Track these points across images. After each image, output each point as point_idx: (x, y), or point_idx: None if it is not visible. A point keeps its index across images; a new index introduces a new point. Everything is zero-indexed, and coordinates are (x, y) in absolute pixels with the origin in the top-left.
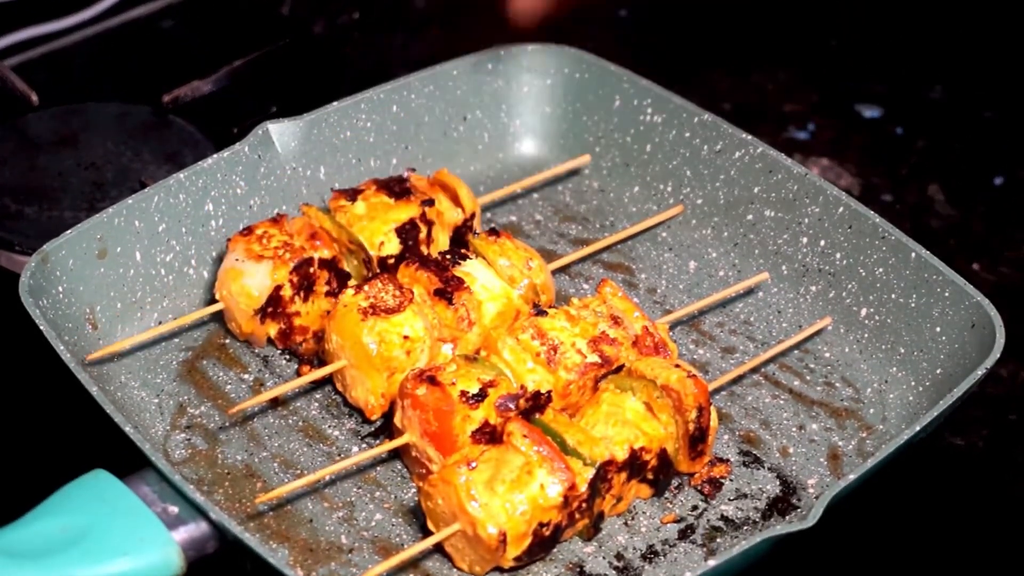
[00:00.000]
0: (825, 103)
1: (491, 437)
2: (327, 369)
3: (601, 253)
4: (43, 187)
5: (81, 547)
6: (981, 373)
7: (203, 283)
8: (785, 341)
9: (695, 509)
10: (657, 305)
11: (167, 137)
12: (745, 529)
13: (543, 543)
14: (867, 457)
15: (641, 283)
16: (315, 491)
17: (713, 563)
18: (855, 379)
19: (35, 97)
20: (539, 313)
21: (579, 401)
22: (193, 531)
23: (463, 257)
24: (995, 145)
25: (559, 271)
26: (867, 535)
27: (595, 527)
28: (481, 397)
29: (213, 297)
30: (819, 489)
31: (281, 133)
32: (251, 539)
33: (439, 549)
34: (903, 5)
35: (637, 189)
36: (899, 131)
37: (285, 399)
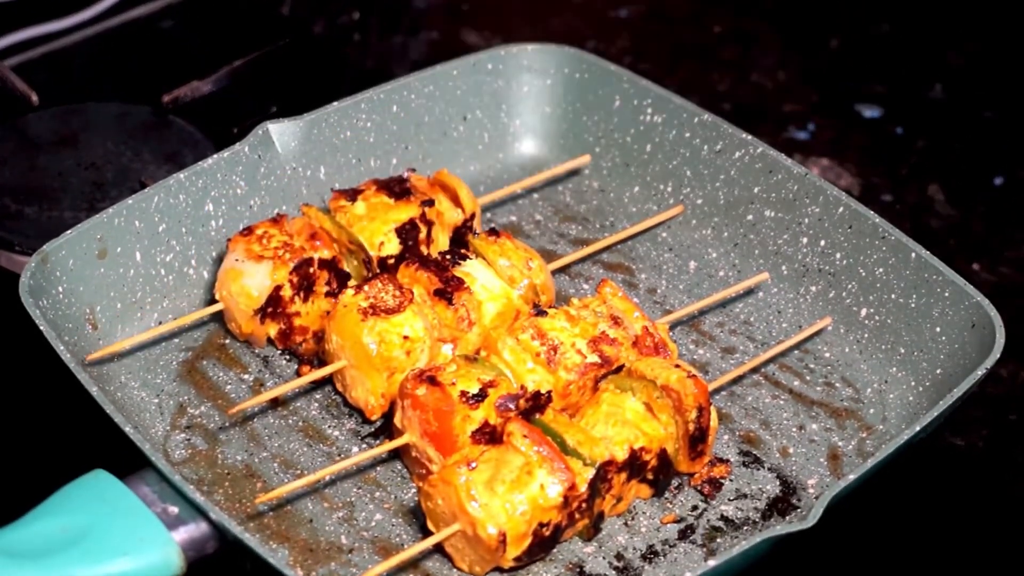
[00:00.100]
0: (825, 103)
1: (491, 437)
2: (327, 369)
3: (601, 253)
4: (43, 187)
5: (81, 547)
6: (981, 373)
7: (203, 283)
8: (785, 341)
9: (695, 509)
10: (657, 305)
11: (167, 137)
12: (745, 529)
13: (543, 543)
14: (867, 457)
15: (641, 283)
16: (315, 491)
17: (713, 563)
18: (855, 379)
19: (35, 97)
20: (539, 313)
21: (579, 401)
22: (193, 531)
23: (463, 257)
24: (995, 145)
25: (559, 271)
26: (867, 535)
27: (595, 527)
28: (481, 397)
29: (213, 297)
30: (819, 489)
31: (281, 133)
32: (251, 539)
33: (439, 549)
34: (903, 5)
35: (637, 189)
36: (899, 131)
37: (285, 399)
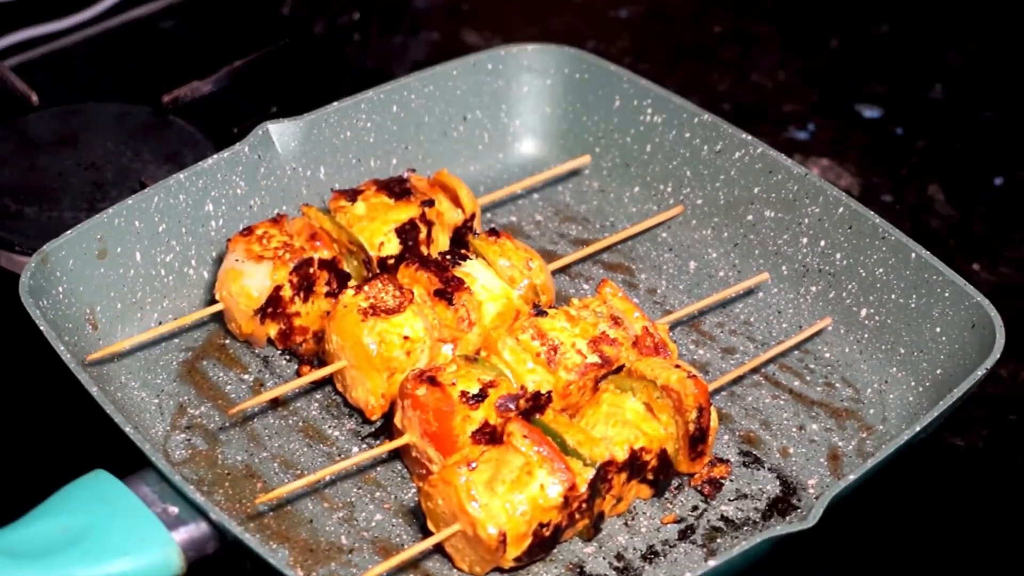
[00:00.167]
0: (825, 103)
1: (491, 437)
2: (327, 369)
3: (601, 253)
4: (43, 187)
5: (81, 547)
6: (981, 373)
7: (203, 283)
8: (785, 341)
9: (695, 509)
10: (657, 305)
11: (167, 137)
12: (745, 529)
13: (543, 543)
14: (867, 457)
15: (641, 283)
16: (315, 491)
17: (713, 563)
18: (855, 379)
19: (35, 97)
20: (539, 313)
21: (579, 401)
22: (193, 531)
23: (463, 257)
24: (995, 145)
25: (559, 271)
26: (867, 535)
27: (595, 527)
28: (481, 397)
29: (213, 297)
30: (819, 489)
31: (281, 133)
32: (251, 539)
33: (439, 549)
34: (903, 5)
35: (637, 189)
36: (899, 131)
37: (285, 399)
